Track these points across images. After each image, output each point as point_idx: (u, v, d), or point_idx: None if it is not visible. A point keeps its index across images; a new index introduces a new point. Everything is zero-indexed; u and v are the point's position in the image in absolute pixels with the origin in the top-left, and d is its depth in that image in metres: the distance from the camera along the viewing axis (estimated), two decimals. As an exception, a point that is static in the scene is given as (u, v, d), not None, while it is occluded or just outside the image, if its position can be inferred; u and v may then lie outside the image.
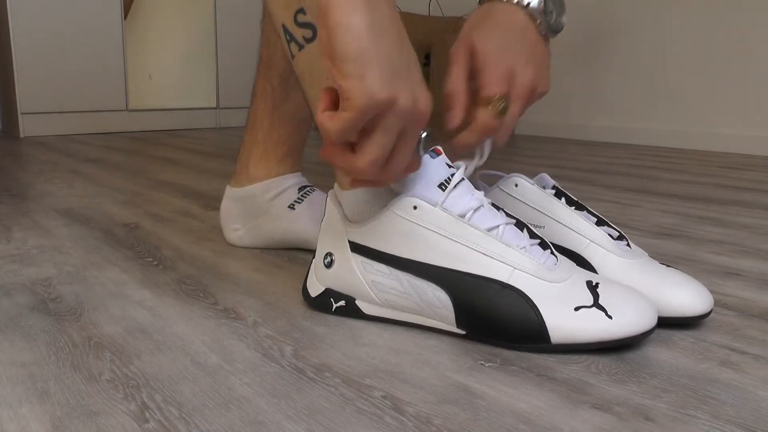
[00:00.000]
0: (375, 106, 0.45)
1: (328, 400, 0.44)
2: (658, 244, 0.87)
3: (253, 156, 0.80)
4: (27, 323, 0.57)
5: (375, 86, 0.45)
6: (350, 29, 0.45)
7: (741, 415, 0.42)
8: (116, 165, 1.59)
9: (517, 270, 0.52)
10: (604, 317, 0.50)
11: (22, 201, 1.11)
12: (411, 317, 0.56)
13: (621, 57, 2.32)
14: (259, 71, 0.79)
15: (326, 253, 0.59)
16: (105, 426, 0.40)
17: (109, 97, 2.45)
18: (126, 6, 2.66)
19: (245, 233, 0.82)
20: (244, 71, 2.70)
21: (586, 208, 0.64)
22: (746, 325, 0.58)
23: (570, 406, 0.43)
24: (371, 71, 0.45)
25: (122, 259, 0.77)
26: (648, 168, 1.64)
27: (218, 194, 1.20)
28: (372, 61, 0.45)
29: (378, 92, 0.45)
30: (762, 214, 1.07)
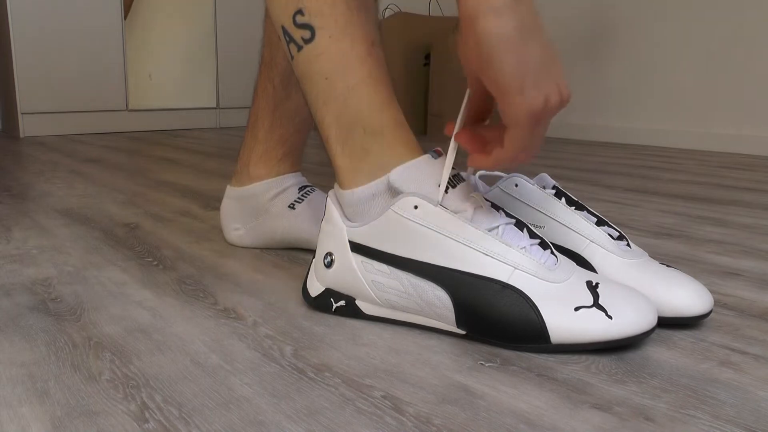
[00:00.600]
0: (537, 118, 0.46)
1: (328, 400, 0.44)
2: (658, 244, 0.87)
3: (254, 155, 0.80)
4: (27, 323, 0.57)
5: (536, 100, 0.46)
6: (502, 36, 0.45)
7: (741, 415, 0.42)
8: (116, 165, 1.59)
9: (517, 270, 0.52)
10: (604, 317, 0.50)
11: (22, 201, 1.11)
12: (411, 317, 0.56)
13: (621, 57, 2.32)
14: (261, 71, 0.79)
15: (326, 253, 0.59)
16: (105, 426, 0.40)
17: (109, 97, 2.45)
18: (126, 6, 2.66)
19: (245, 233, 0.82)
20: (244, 71, 2.71)
21: (587, 208, 0.64)
22: (746, 325, 0.58)
23: (570, 406, 0.43)
24: (529, 83, 0.45)
25: (122, 259, 0.77)
26: (648, 168, 1.64)
27: (218, 194, 1.20)
28: (529, 71, 0.45)
29: (538, 105, 0.46)
30: (762, 214, 1.07)
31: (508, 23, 0.45)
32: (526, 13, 0.45)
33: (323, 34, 0.56)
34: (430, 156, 0.56)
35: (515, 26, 0.45)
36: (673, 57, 2.18)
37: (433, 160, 0.55)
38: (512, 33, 0.45)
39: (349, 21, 0.56)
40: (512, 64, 0.45)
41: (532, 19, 0.46)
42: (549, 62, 0.47)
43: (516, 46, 0.45)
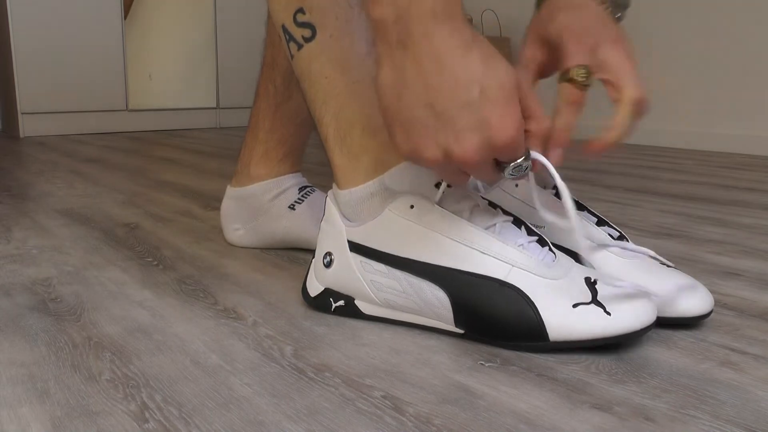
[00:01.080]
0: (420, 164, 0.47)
1: (328, 400, 0.44)
2: (658, 244, 0.87)
3: (254, 156, 0.80)
4: (27, 323, 0.57)
5: (403, 148, 0.46)
6: (377, 84, 0.46)
7: (741, 415, 0.42)
8: (116, 165, 1.59)
9: (515, 267, 0.52)
10: (603, 314, 0.50)
11: (22, 201, 1.11)
12: (410, 317, 0.56)
13: (621, 57, 2.32)
14: (263, 72, 0.79)
15: (325, 253, 0.59)
16: (105, 426, 0.40)
17: (109, 97, 2.45)
18: (126, 6, 2.66)
19: (245, 233, 0.82)
20: (244, 71, 2.70)
21: (587, 208, 0.64)
22: (746, 325, 0.58)
23: (570, 406, 0.43)
24: (398, 133, 0.46)
25: (122, 259, 0.77)
26: (648, 168, 1.64)
27: (218, 194, 1.20)
28: (397, 122, 0.46)
29: (406, 153, 0.46)
30: (762, 214, 1.07)
31: (383, 76, 0.45)
32: (405, 61, 0.44)
33: (324, 33, 0.56)
34: None
35: (390, 77, 0.45)
36: (673, 57, 2.18)
37: None
38: (388, 85, 0.45)
39: (350, 20, 0.56)
40: (384, 110, 0.46)
41: (412, 70, 0.44)
42: (432, 117, 0.44)
43: (389, 96, 0.45)
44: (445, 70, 0.43)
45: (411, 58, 0.44)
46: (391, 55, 0.44)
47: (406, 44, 0.43)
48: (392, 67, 0.44)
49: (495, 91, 0.43)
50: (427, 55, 0.43)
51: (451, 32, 0.43)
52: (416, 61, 0.43)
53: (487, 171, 0.47)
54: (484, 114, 0.43)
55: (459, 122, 0.43)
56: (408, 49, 0.43)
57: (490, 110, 0.43)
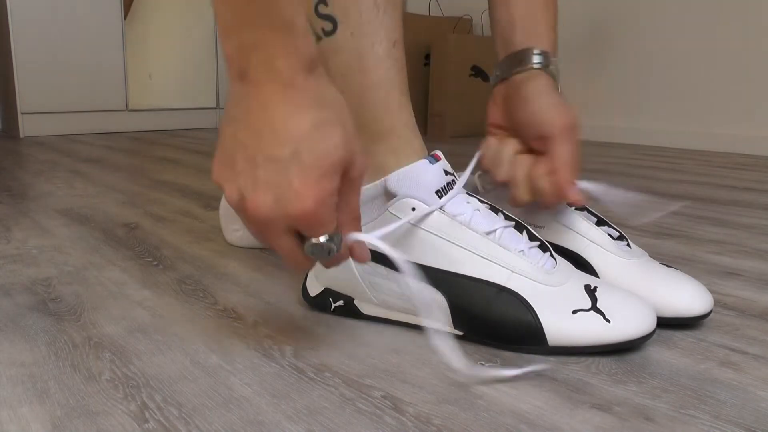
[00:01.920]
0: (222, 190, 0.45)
1: (328, 400, 0.44)
2: (658, 244, 0.87)
3: None
4: (27, 323, 0.57)
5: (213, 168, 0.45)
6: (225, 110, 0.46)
7: (741, 415, 0.42)
8: (116, 165, 1.59)
9: (514, 273, 0.52)
10: (602, 321, 0.50)
11: (22, 201, 1.11)
12: (409, 318, 0.56)
13: (621, 57, 2.32)
14: None
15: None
16: (105, 426, 0.40)
17: (109, 97, 2.45)
18: (126, 6, 2.66)
19: (245, 233, 0.82)
20: (244, 71, 2.71)
21: (587, 208, 0.64)
22: (746, 325, 0.58)
23: (570, 406, 0.43)
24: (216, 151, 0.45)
25: (122, 259, 0.77)
26: (648, 168, 1.64)
27: (218, 194, 1.20)
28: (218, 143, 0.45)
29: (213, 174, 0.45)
30: (762, 214, 1.07)
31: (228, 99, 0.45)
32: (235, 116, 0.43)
33: (345, 30, 0.55)
34: (427, 161, 0.55)
35: (228, 105, 0.45)
36: (674, 57, 2.18)
37: (429, 165, 0.55)
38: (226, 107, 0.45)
39: (373, 19, 0.55)
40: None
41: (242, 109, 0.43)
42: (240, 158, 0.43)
43: (223, 119, 0.45)
44: (268, 119, 0.42)
45: (243, 95, 0.43)
46: (232, 86, 0.44)
47: (242, 82, 0.43)
48: (231, 96, 0.44)
49: (310, 158, 0.41)
50: (256, 99, 0.42)
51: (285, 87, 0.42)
52: (247, 99, 0.43)
53: (281, 240, 0.44)
54: (288, 176, 0.41)
55: (262, 173, 0.42)
56: (243, 87, 0.43)
57: (295, 175, 0.41)
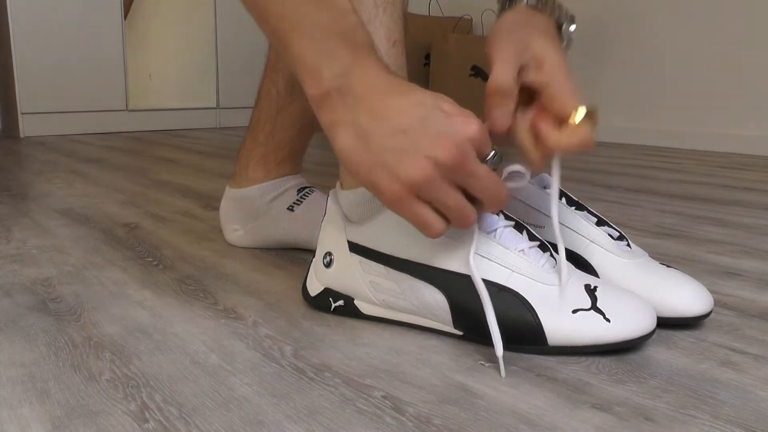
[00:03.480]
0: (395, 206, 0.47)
1: (328, 400, 0.44)
2: (658, 244, 0.87)
3: (253, 158, 0.80)
4: (27, 323, 0.57)
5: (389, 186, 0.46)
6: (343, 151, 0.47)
7: (741, 415, 0.42)
8: (116, 165, 1.59)
9: (514, 272, 0.52)
10: (602, 320, 0.50)
11: (22, 201, 1.11)
12: (409, 317, 0.56)
13: (621, 57, 2.32)
14: (266, 74, 0.79)
15: (326, 253, 0.59)
16: (105, 426, 0.40)
17: (109, 97, 2.45)
18: (126, 6, 2.66)
19: (245, 234, 0.82)
20: (244, 71, 2.71)
21: (587, 208, 0.64)
22: (746, 325, 0.58)
23: (570, 406, 0.43)
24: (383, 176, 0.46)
25: (122, 259, 0.77)
26: (648, 168, 1.64)
27: (218, 194, 1.20)
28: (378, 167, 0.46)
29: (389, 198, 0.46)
30: (762, 214, 1.07)
31: (343, 140, 0.47)
32: (359, 116, 0.46)
33: None
34: None
35: (350, 139, 0.46)
36: (673, 57, 2.18)
37: None
38: (350, 145, 0.46)
39: (372, 19, 0.56)
40: (356, 170, 0.47)
41: (367, 118, 0.46)
42: (404, 144, 0.45)
43: (355, 154, 0.46)
44: (395, 99, 0.46)
45: (361, 107, 0.46)
46: (343, 119, 0.46)
47: (352, 101, 0.46)
48: (348, 127, 0.46)
49: (448, 103, 0.47)
50: (375, 96, 0.46)
51: (387, 74, 0.47)
52: (367, 105, 0.46)
53: (477, 164, 0.46)
54: (449, 116, 0.45)
55: (431, 130, 0.45)
56: (356, 102, 0.46)
57: (453, 113, 0.46)
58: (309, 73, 0.47)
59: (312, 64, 0.46)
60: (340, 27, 0.46)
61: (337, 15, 0.46)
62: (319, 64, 0.46)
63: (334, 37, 0.46)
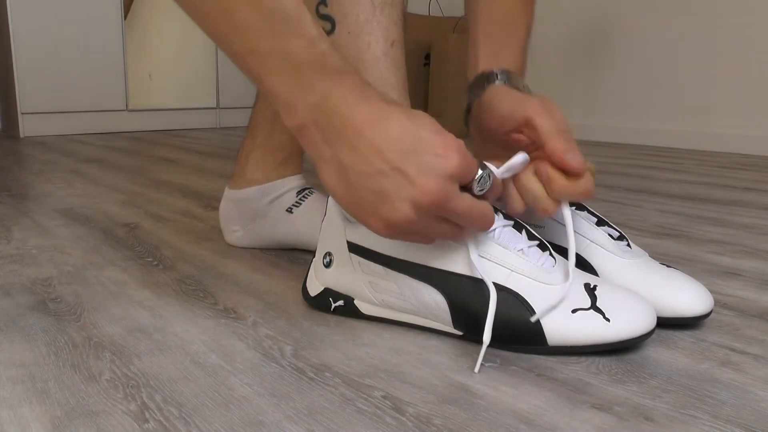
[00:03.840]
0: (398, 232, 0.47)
1: (328, 400, 0.44)
2: (658, 244, 0.87)
3: (251, 159, 0.80)
4: (27, 323, 0.57)
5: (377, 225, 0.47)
6: (327, 185, 0.48)
7: (741, 415, 0.42)
8: (116, 165, 1.59)
9: (514, 272, 0.52)
10: (602, 320, 0.50)
11: (22, 201, 1.11)
12: (408, 317, 0.56)
13: (621, 57, 2.32)
14: None
15: (326, 253, 0.59)
16: (105, 426, 0.40)
17: (109, 97, 2.45)
18: (126, 6, 2.66)
19: (244, 234, 0.82)
20: (244, 71, 2.71)
21: (587, 208, 0.64)
22: (746, 325, 0.58)
23: (570, 406, 0.43)
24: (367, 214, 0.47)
25: (122, 259, 0.77)
26: (648, 168, 1.64)
27: (218, 194, 1.20)
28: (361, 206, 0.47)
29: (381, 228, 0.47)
30: (762, 214, 1.07)
31: (327, 176, 0.48)
32: (340, 152, 0.46)
33: (342, 29, 0.55)
34: None
35: (333, 176, 0.47)
36: (673, 57, 2.18)
37: None
38: (333, 182, 0.47)
39: (370, 19, 0.56)
40: (346, 206, 0.48)
41: (348, 152, 0.46)
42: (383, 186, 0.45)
43: (341, 192, 0.47)
44: (376, 135, 0.45)
45: (341, 143, 0.46)
46: (323, 154, 0.47)
47: (330, 135, 0.46)
48: (328, 165, 0.47)
49: (428, 130, 0.46)
50: (353, 132, 0.45)
51: (366, 102, 0.46)
52: (346, 141, 0.46)
53: (457, 199, 0.46)
54: (431, 151, 0.45)
55: (410, 169, 0.45)
56: (334, 137, 0.46)
57: (432, 145, 0.45)
58: (283, 107, 0.47)
59: (285, 98, 0.47)
60: (309, 57, 0.46)
61: (305, 45, 0.45)
62: (293, 97, 0.46)
63: (305, 68, 0.46)
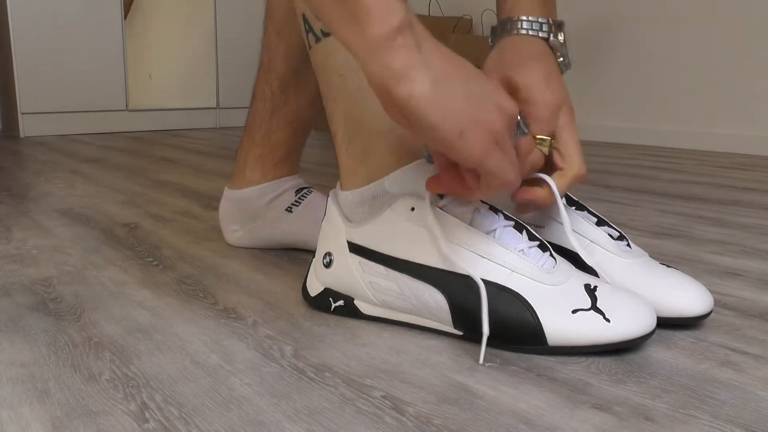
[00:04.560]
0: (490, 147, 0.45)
1: (328, 400, 0.44)
2: (658, 244, 0.87)
3: (250, 159, 0.80)
4: (27, 323, 0.57)
5: (478, 138, 0.44)
6: (420, 99, 0.42)
7: (741, 415, 0.42)
8: (116, 165, 1.59)
9: (514, 272, 0.52)
10: (602, 320, 0.50)
11: (22, 201, 1.11)
12: (409, 317, 0.56)
13: (621, 57, 2.32)
14: (259, 74, 0.79)
15: (326, 253, 0.59)
16: (105, 426, 0.40)
17: (109, 97, 2.45)
18: (126, 6, 2.66)
19: (244, 234, 0.82)
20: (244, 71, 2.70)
21: (587, 208, 0.64)
22: (746, 325, 0.58)
23: (570, 406, 0.43)
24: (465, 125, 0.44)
25: (122, 259, 0.77)
26: (648, 168, 1.64)
27: (218, 194, 1.20)
28: (458, 116, 0.44)
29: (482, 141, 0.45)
30: (762, 214, 1.07)
31: (420, 85, 0.42)
32: (433, 62, 0.43)
33: None
34: (425, 160, 0.55)
35: (427, 84, 0.42)
36: (674, 57, 2.18)
37: (428, 165, 0.55)
38: (427, 91, 0.42)
39: None
40: (439, 119, 0.43)
41: (441, 63, 0.43)
42: (477, 92, 0.45)
43: (436, 102, 0.42)
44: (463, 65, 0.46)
45: (437, 59, 0.43)
46: (415, 63, 0.42)
47: (427, 50, 0.43)
48: (424, 72, 0.42)
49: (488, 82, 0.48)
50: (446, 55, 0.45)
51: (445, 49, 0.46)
52: (444, 59, 0.44)
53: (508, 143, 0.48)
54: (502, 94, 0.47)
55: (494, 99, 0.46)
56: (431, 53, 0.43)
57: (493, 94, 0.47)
58: (371, 11, 0.41)
59: (375, 2, 0.41)
60: None
61: None
62: (385, 2, 0.41)
63: None
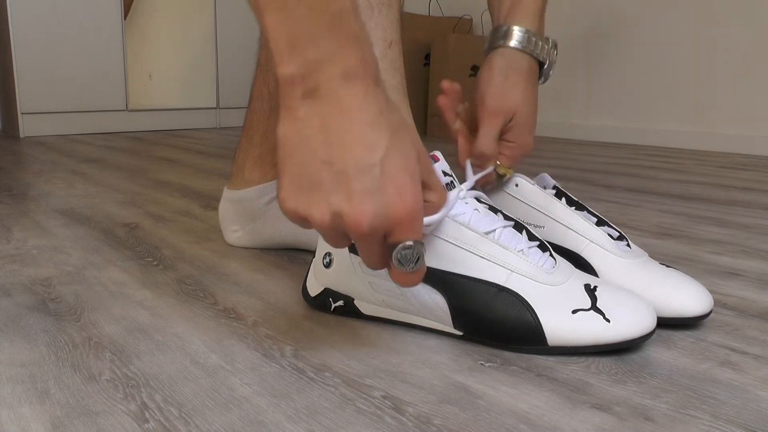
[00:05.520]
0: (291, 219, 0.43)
1: (328, 400, 0.44)
2: (658, 244, 0.87)
3: (249, 159, 0.80)
4: (27, 323, 0.57)
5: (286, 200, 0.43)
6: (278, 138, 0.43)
7: (741, 415, 0.42)
8: (116, 165, 1.59)
9: (514, 273, 0.52)
10: (602, 320, 0.50)
11: (22, 201, 1.11)
12: (408, 317, 0.56)
13: (621, 57, 2.32)
14: (257, 74, 0.79)
15: (325, 253, 0.59)
16: (105, 426, 0.40)
17: (109, 97, 2.45)
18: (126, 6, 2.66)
19: (244, 234, 0.82)
20: (244, 71, 2.71)
21: (587, 208, 0.64)
22: (746, 325, 0.58)
23: (570, 406, 0.43)
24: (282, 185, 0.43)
25: (122, 259, 0.77)
26: (648, 168, 1.64)
27: (218, 194, 1.20)
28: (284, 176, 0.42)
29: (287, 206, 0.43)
30: (762, 214, 1.07)
31: (284, 128, 0.42)
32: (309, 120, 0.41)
33: None
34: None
35: (290, 130, 0.42)
36: (674, 57, 2.18)
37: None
38: (288, 136, 0.42)
39: (367, 20, 0.55)
40: (277, 163, 0.43)
41: (314, 130, 0.41)
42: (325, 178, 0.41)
43: (285, 149, 0.42)
44: (352, 128, 0.41)
45: (317, 113, 0.41)
46: (295, 109, 0.42)
47: (313, 99, 0.41)
48: (294, 120, 0.42)
49: (398, 160, 0.41)
50: (334, 111, 0.41)
51: (364, 95, 0.42)
52: (322, 115, 0.41)
53: (375, 248, 0.44)
54: (384, 181, 0.41)
55: (357, 184, 0.41)
56: (315, 103, 0.41)
57: (391, 178, 0.41)
58: (280, 50, 0.42)
59: (285, 42, 0.41)
60: (328, 6, 0.40)
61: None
62: (295, 44, 0.41)
63: (318, 17, 0.40)
